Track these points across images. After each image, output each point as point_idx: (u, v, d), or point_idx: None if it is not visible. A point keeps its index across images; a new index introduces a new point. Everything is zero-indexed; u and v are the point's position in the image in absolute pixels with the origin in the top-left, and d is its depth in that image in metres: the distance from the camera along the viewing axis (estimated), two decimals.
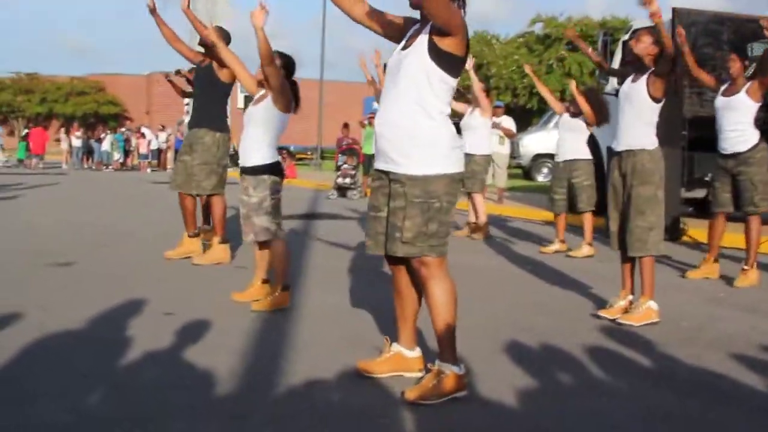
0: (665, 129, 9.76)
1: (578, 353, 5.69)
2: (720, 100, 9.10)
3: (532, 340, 5.98)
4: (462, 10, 4.63)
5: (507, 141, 18.88)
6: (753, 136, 8.88)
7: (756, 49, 14.52)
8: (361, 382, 4.84)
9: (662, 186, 6.88)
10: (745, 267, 8.82)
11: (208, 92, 9.57)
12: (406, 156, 4.53)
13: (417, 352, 5.03)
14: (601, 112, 10.91)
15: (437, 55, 4.44)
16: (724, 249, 9.70)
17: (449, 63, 4.48)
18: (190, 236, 9.60)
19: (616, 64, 14.51)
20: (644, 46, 6.91)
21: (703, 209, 14.79)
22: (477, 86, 12.59)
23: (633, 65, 7.20)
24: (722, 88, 9.16)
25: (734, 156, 8.91)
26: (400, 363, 4.95)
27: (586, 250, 10.79)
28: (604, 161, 14.31)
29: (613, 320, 6.67)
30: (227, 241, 9.54)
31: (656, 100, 6.89)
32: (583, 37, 48.27)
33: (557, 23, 48.36)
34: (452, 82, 4.58)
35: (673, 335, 6.28)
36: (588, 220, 11.11)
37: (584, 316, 6.90)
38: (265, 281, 7.21)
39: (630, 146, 6.91)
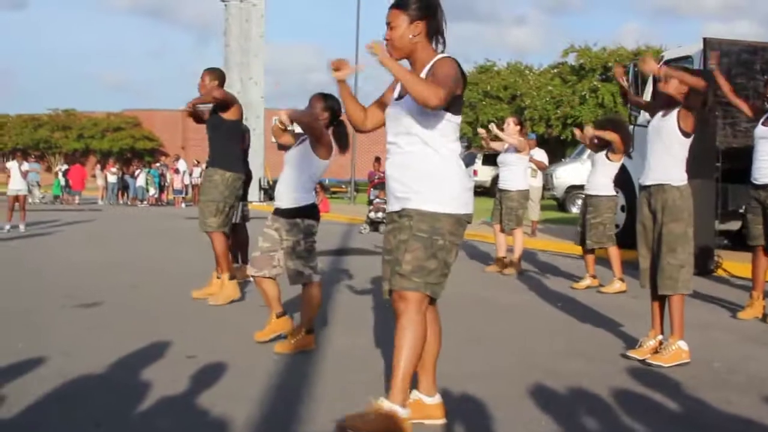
0: (698, 161, 9.67)
1: (607, 397, 5.56)
2: (760, 130, 8.91)
3: (560, 384, 5.85)
4: (441, 45, 4.78)
5: (539, 173, 18.79)
6: None
7: None
8: None
9: (691, 223, 6.74)
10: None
11: (214, 132, 9.65)
12: (416, 192, 4.54)
13: (437, 399, 4.92)
14: (627, 140, 10.82)
15: None
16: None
17: (449, 103, 4.47)
18: (218, 277, 9.56)
19: (647, 94, 14.38)
20: (675, 86, 6.77)
21: (737, 241, 14.60)
22: (512, 141, 12.53)
23: (663, 101, 7.06)
24: (764, 117, 8.96)
25: (766, 187, 8.75)
26: (420, 410, 4.84)
27: (617, 285, 10.63)
28: (637, 194, 14.22)
29: (643, 361, 6.52)
30: (235, 277, 9.49)
31: (686, 134, 6.77)
32: None
33: (591, 53, 48.30)
34: (456, 119, 4.61)
35: (703, 377, 6.14)
36: (614, 255, 10.93)
37: (614, 357, 6.76)
38: (280, 314, 7.12)
39: (659, 180, 6.80)
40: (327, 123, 7.00)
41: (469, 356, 6.79)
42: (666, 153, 6.82)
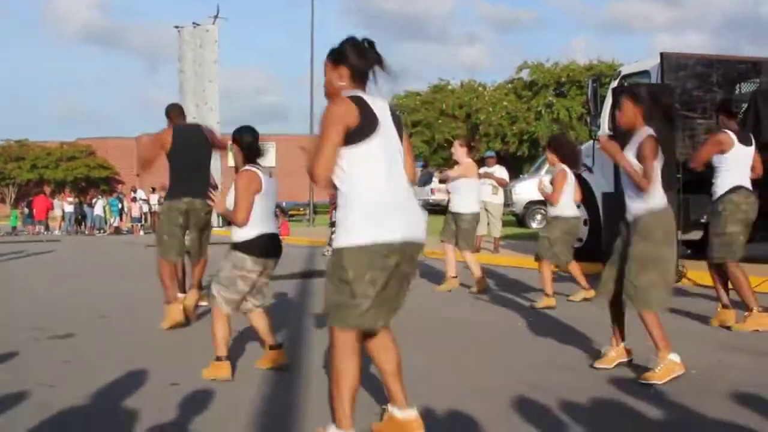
0: (661, 172, 9.79)
1: (591, 408, 5.65)
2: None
3: (544, 397, 5.91)
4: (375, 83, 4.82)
5: (500, 190, 18.87)
6: None
7: (744, 88, 14.64)
8: None
9: (670, 244, 6.78)
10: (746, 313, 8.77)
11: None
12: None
13: (410, 413, 4.93)
14: (569, 157, 10.88)
15: None
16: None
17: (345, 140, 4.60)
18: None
19: (606, 110, 14.56)
20: (627, 121, 6.91)
21: (701, 250, 14.79)
22: (455, 174, 12.65)
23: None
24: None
25: None
26: (393, 425, 4.89)
27: (582, 293, 10.79)
28: (599, 206, 14.36)
29: (639, 381, 6.48)
30: (174, 300, 9.59)
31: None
32: (570, 83, 48.62)
33: (544, 69, 48.72)
34: (357, 149, 4.61)
35: (682, 385, 6.22)
36: (573, 268, 11.05)
37: (592, 369, 6.83)
38: (273, 347, 7.14)
39: (636, 213, 6.82)
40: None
41: (451, 375, 6.85)
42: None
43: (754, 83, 14.64)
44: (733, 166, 8.85)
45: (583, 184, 14.81)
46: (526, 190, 28.44)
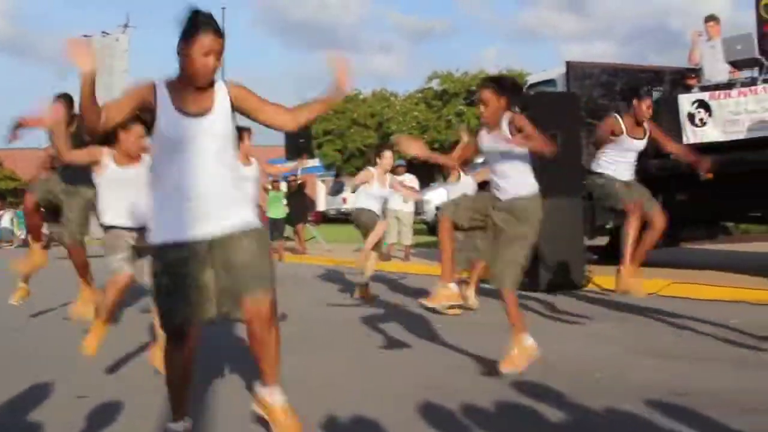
0: (565, 179, 10.02)
1: (494, 411, 5.72)
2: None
3: (448, 401, 5.96)
4: None
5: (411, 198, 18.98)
6: None
7: None
8: None
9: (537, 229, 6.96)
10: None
11: None
12: None
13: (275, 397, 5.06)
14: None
15: None
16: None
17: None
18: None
19: None
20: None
21: (606, 256, 15.07)
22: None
23: None
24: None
25: None
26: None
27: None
28: None
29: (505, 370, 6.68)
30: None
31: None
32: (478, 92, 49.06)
33: (454, 79, 49.10)
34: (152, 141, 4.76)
35: (586, 387, 6.33)
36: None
37: (495, 371, 6.90)
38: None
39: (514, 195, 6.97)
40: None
41: (358, 380, 6.90)
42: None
43: (657, 91, 14.96)
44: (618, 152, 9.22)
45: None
46: (437, 197, 28.62)
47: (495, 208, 6.99)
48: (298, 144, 23.79)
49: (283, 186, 24.41)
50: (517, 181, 6.96)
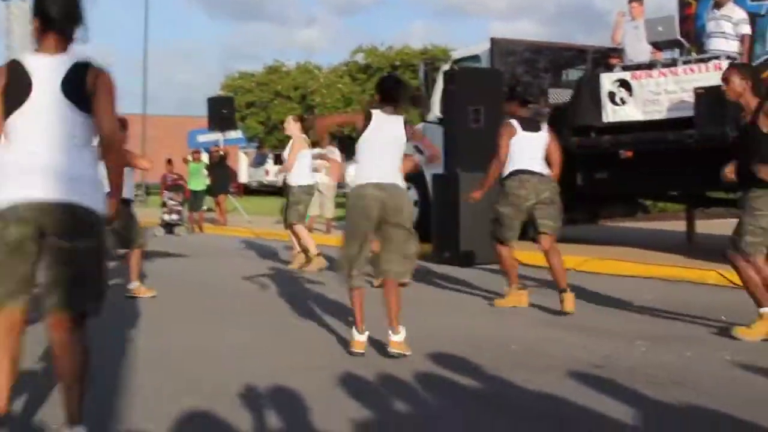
0: (488, 154, 10.03)
1: (413, 381, 5.77)
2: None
3: (369, 372, 6.01)
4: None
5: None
6: None
7: (571, 75, 15.11)
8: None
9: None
10: (506, 288, 9.13)
11: None
12: None
13: None
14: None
15: None
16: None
17: None
18: None
19: (438, 93, 14.78)
20: None
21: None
22: (289, 163, 12.72)
23: None
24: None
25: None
26: None
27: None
28: (429, 186, 14.54)
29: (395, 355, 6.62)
30: None
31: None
32: (404, 67, 49.10)
33: (378, 53, 49.02)
34: None
35: (503, 359, 6.41)
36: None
37: (415, 344, 6.92)
38: None
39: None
40: None
41: (276, 351, 6.91)
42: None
43: (580, 70, 15.12)
44: (515, 151, 8.99)
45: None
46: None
47: None
48: (221, 115, 23.66)
49: (205, 157, 24.21)
50: None
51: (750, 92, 7.23)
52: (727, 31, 12.26)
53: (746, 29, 12.24)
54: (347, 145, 8.99)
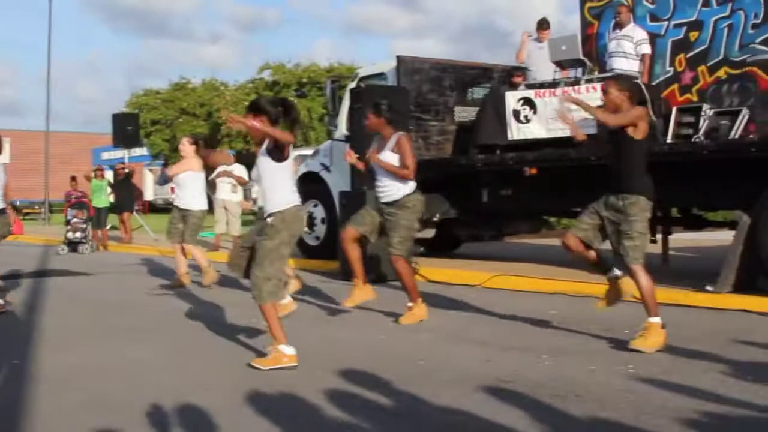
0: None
1: (322, 398, 5.75)
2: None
3: (275, 389, 6.00)
4: None
5: (239, 189, 18.95)
6: None
7: (476, 93, 15.28)
8: None
9: (289, 244, 7.07)
10: (409, 304, 9.07)
11: None
12: None
13: None
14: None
15: None
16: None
17: None
18: None
19: (344, 110, 14.83)
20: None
21: (433, 248, 15.33)
22: (176, 169, 12.76)
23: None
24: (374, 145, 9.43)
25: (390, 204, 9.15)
26: None
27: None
28: (336, 204, 14.57)
29: (255, 367, 6.74)
30: None
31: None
32: (311, 84, 48.99)
33: (285, 70, 49.00)
34: None
35: (412, 374, 6.46)
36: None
37: (320, 361, 6.94)
38: None
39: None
40: None
41: (182, 367, 6.87)
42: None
43: (485, 88, 15.29)
44: None
45: (322, 183, 15.13)
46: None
47: None
48: (126, 132, 23.42)
49: (109, 174, 23.91)
50: None
51: (627, 103, 7.50)
52: (628, 50, 12.57)
53: (646, 49, 12.58)
54: (251, 162, 9.02)
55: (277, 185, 7.01)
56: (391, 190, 9.02)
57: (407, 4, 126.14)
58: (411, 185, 9.06)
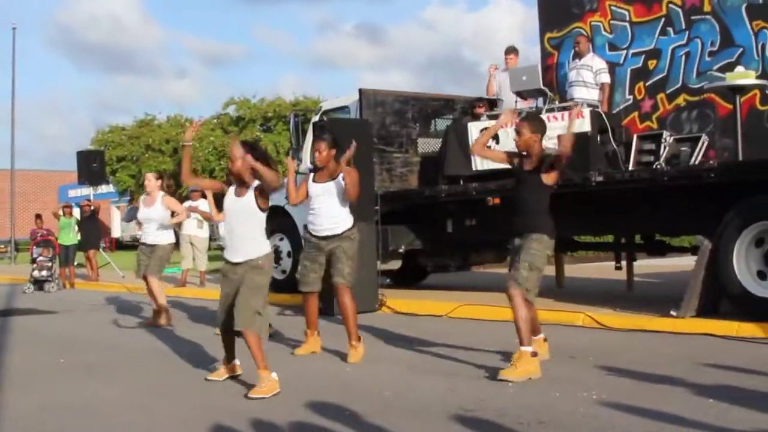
0: (360, 205, 10.17)
1: (287, 429, 5.78)
2: (313, 187, 9.63)
3: (244, 423, 6.01)
4: None
5: (205, 224, 18.91)
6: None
7: (439, 124, 15.39)
8: None
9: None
10: (353, 343, 8.93)
11: None
12: None
13: None
14: None
15: None
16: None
17: None
18: None
19: (308, 144, 14.87)
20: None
21: (399, 280, 15.34)
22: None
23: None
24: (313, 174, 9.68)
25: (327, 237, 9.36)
26: None
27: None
28: (302, 238, 14.59)
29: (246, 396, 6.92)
30: None
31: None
32: (277, 118, 49.19)
33: (250, 105, 49.02)
34: None
35: (376, 405, 6.48)
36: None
37: (287, 391, 6.96)
38: None
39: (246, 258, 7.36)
40: None
41: (147, 403, 6.87)
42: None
43: (447, 119, 15.40)
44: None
45: (288, 217, 15.10)
46: None
47: None
48: (92, 169, 23.37)
49: (76, 212, 23.82)
50: None
51: (539, 144, 7.85)
52: (588, 80, 12.74)
53: (606, 78, 12.76)
54: (218, 199, 9.08)
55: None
56: (337, 222, 9.23)
57: (373, 38, 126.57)
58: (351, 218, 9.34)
